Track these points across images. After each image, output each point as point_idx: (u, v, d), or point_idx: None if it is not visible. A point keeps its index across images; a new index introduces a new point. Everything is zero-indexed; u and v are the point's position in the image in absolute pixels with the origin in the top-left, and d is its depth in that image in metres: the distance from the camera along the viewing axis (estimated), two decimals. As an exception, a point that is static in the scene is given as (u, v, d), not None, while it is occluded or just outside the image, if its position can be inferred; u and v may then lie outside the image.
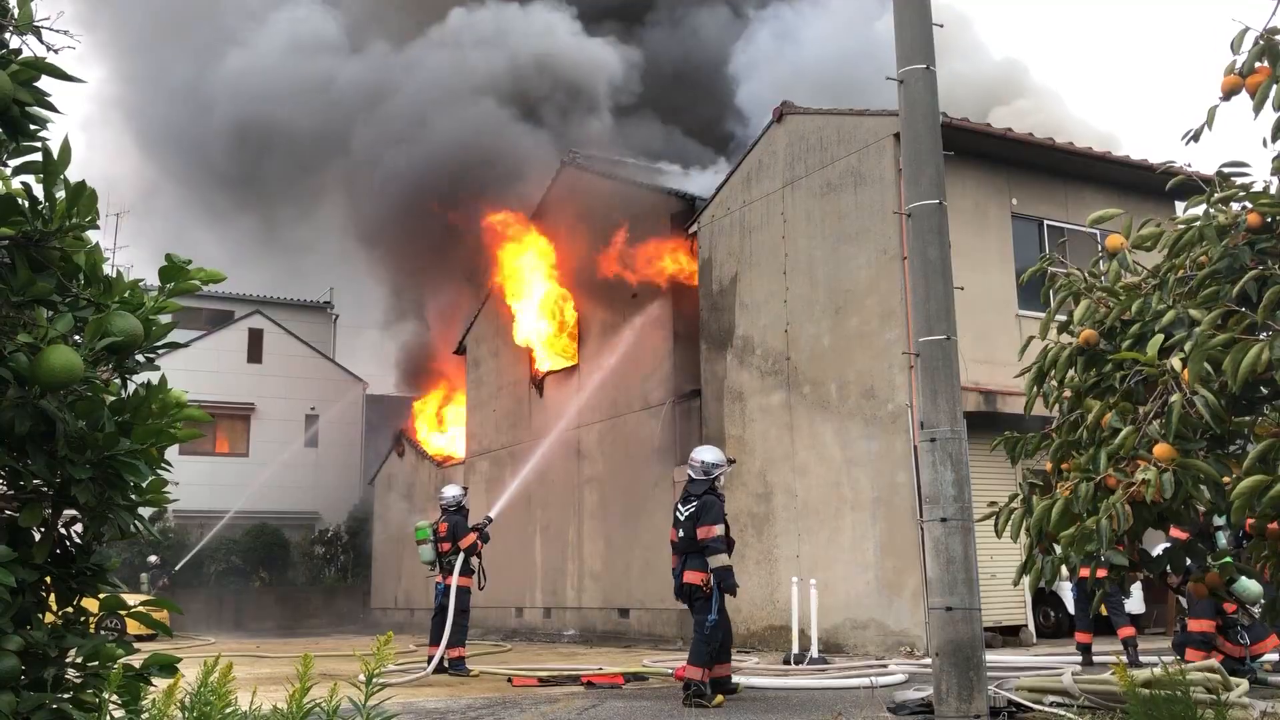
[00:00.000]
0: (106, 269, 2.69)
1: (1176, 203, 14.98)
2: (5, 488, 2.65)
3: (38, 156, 2.54)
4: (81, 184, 2.55)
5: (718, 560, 8.50)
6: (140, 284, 2.75)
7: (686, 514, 8.65)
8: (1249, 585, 7.70)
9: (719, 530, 8.58)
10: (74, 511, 2.70)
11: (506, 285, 23.29)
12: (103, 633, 2.79)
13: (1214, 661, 7.34)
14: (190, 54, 29.50)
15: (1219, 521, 7.20)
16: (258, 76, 27.41)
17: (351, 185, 25.84)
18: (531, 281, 22.65)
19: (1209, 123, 4.05)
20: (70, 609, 2.76)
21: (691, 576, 8.58)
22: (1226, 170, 4.30)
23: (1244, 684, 6.83)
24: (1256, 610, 8.47)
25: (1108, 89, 53.40)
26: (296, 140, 26.67)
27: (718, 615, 8.46)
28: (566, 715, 7.92)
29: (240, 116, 27.87)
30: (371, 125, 24.98)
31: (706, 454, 9.01)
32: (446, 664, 11.88)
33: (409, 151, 23.91)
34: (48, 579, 2.72)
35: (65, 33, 2.51)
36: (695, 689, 8.33)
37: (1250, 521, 3.89)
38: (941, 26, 7.42)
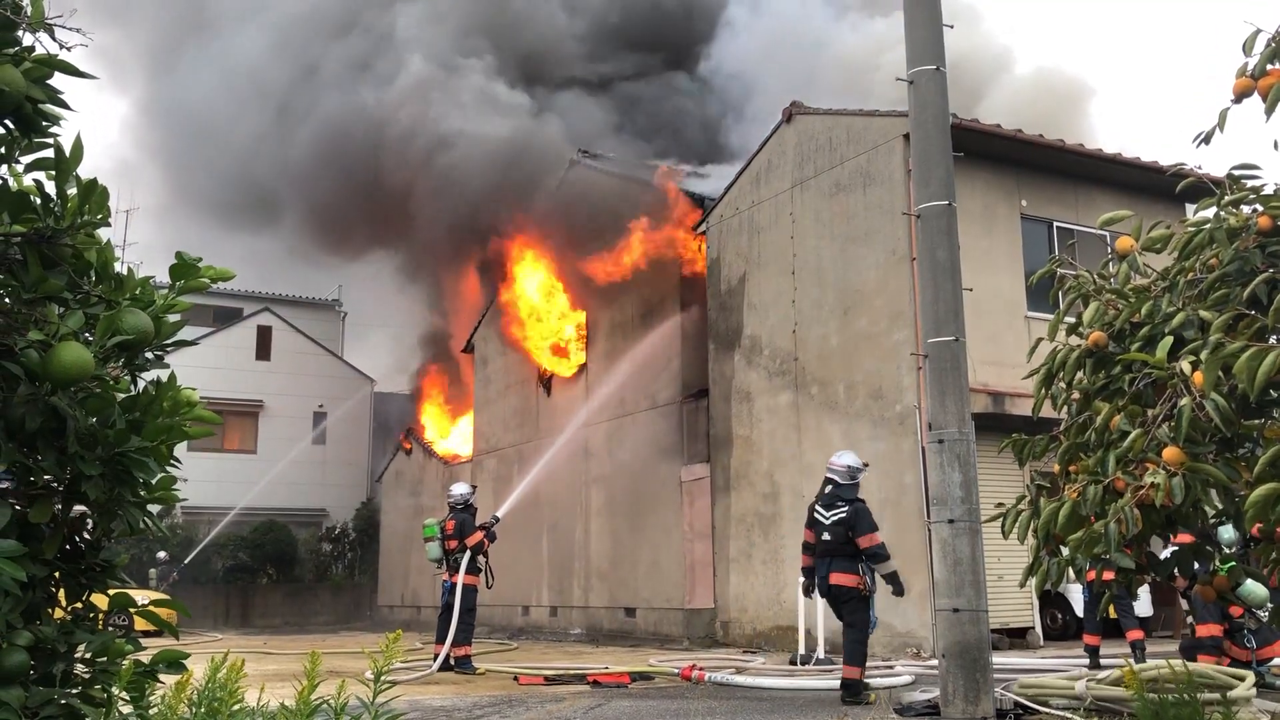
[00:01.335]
0: (117, 266, 2.70)
1: (1187, 205, 14.92)
2: (15, 484, 2.66)
3: (50, 153, 2.55)
4: (93, 181, 2.56)
5: (887, 567, 8.77)
6: (151, 281, 2.76)
7: (835, 518, 8.82)
8: (1255, 589, 7.68)
9: (880, 538, 8.82)
10: (84, 508, 2.71)
11: (515, 285, 23.31)
12: (111, 629, 2.80)
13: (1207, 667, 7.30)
14: (199, 52, 29.60)
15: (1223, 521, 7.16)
16: (262, 74, 27.47)
17: (359, 182, 25.87)
18: (540, 281, 22.67)
19: (1220, 125, 4.03)
20: (79, 605, 2.77)
21: (844, 579, 8.78)
22: (1237, 173, 4.28)
23: (1250, 676, 6.80)
24: (1263, 614, 8.45)
25: (1113, 90, 53.18)
26: (306, 136, 26.70)
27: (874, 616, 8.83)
28: (572, 714, 7.92)
29: (248, 115, 27.97)
30: (374, 117, 24.99)
31: (850, 458, 9.22)
32: (453, 662, 11.90)
33: (415, 142, 23.91)
34: (57, 574, 2.73)
35: (77, 30, 2.51)
36: (853, 687, 8.50)
37: (1258, 526, 3.88)
38: (951, 27, 7.41)
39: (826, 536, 8.83)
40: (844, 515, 8.78)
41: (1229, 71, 3.94)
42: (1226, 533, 7.33)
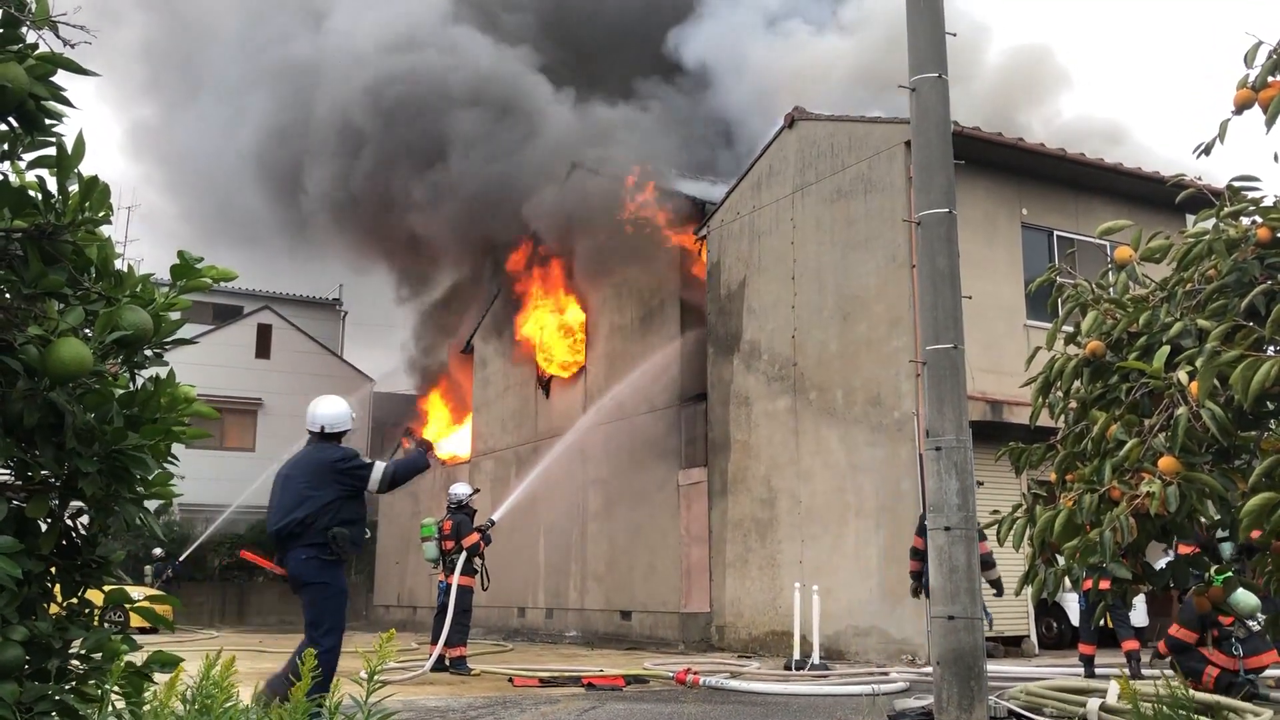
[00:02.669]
0: (117, 263, 2.70)
1: (1186, 216, 14.95)
2: (13, 479, 2.67)
3: (52, 150, 2.56)
4: (94, 178, 2.56)
5: (994, 573, 9.47)
6: (151, 278, 2.76)
7: None
8: (1245, 598, 7.67)
9: (989, 546, 9.38)
10: (80, 503, 2.71)
11: (515, 287, 23.32)
12: (106, 625, 2.81)
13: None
14: (207, 46, 29.63)
15: (1222, 534, 7.18)
16: (269, 69, 27.45)
17: (362, 179, 25.85)
18: (540, 283, 22.67)
19: (1221, 136, 4.04)
20: (75, 601, 2.78)
21: None
22: (1237, 184, 4.29)
23: (1267, 713, 6.70)
24: (1253, 624, 8.47)
25: (1118, 78, 52.96)
26: (309, 133, 26.68)
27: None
28: (567, 716, 7.92)
29: (251, 111, 27.94)
30: (378, 114, 24.94)
31: None
32: (448, 662, 11.90)
33: (417, 136, 23.88)
34: (53, 570, 2.73)
35: (81, 28, 2.52)
36: None
37: (1256, 534, 3.88)
38: (954, 35, 7.42)
39: None
40: None
41: (1223, 69, 3.96)
42: (1228, 549, 7.35)
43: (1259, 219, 4.12)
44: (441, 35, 24.67)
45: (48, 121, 2.53)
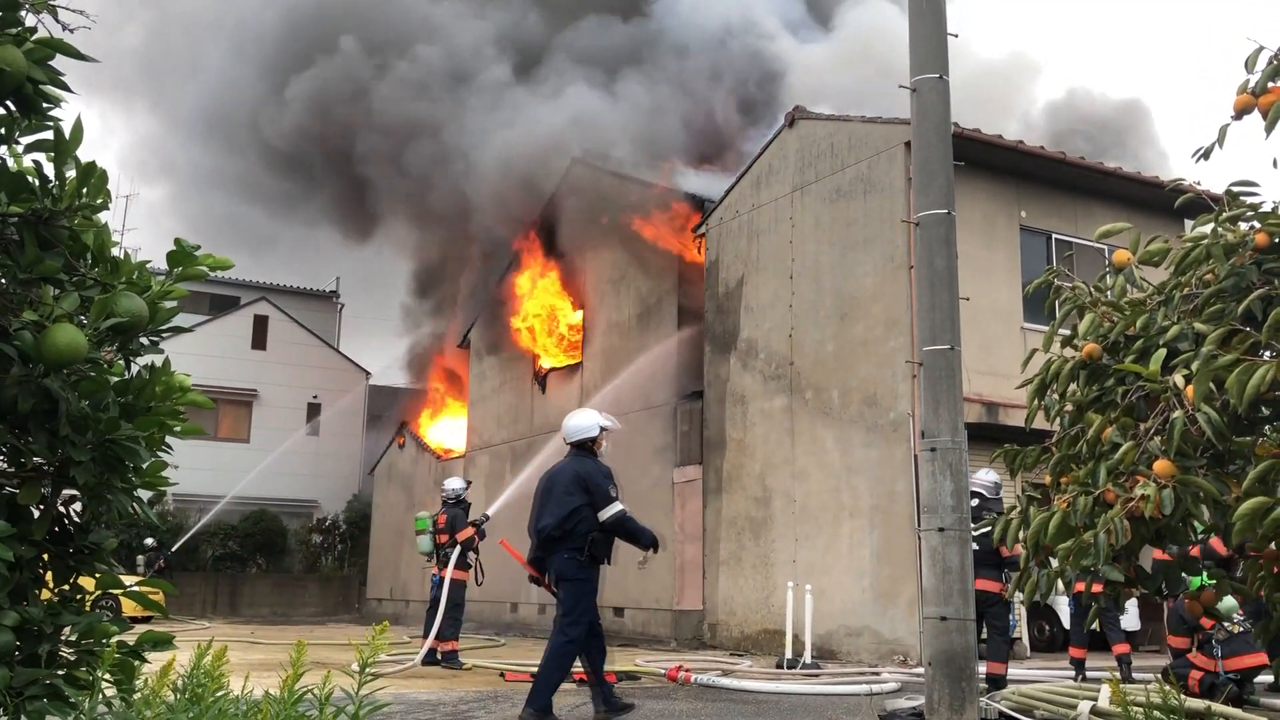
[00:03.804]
0: (114, 250, 2.69)
1: (1185, 220, 14.97)
2: (6, 465, 2.66)
3: (50, 135, 2.55)
4: (92, 164, 2.56)
5: None
6: (148, 265, 2.76)
7: (981, 530, 9.39)
8: (1224, 600, 7.70)
9: (1021, 549, 9.33)
10: (73, 491, 2.71)
11: (513, 282, 23.30)
12: (97, 610, 2.80)
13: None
14: (214, 33, 29.65)
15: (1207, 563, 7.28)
16: (278, 62, 27.44)
17: (363, 174, 25.84)
18: (538, 278, 22.65)
19: (1220, 141, 4.04)
20: (66, 586, 2.77)
21: (988, 585, 9.45)
22: (1236, 189, 4.29)
23: None
24: (1232, 626, 8.53)
25: (1116, 79, 53.01)
26: (311, 127, 26.66)
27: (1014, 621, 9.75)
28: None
29: (256, 105, 27.95)
30: (380, 110, 24.93)
31: (994, 475, 9.93)
32: (439, 656, 11.89)
33: (415, 132, 23.88)
34: (45, 556, 2.72)
35: (81, 13, 2.51)
36: (998, 681, 9.22)
37: (1221, 550, 3.89)
38: (956, 36, 7.42)
39: (976, 546, 9.38)
40: (989, 529, 9.30)
41: (1218, 68, 3.96)
42: (1229, 601, 7.44)
43: (1257, 224, 4.12)
44: (435, 21, 24.69)
45: (45, 106, 2.52)
